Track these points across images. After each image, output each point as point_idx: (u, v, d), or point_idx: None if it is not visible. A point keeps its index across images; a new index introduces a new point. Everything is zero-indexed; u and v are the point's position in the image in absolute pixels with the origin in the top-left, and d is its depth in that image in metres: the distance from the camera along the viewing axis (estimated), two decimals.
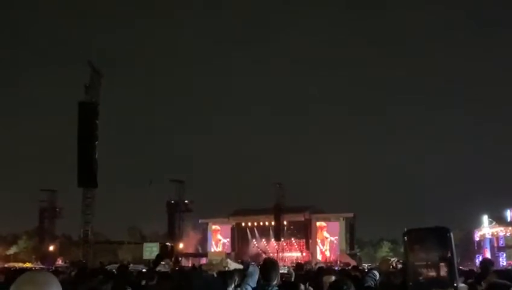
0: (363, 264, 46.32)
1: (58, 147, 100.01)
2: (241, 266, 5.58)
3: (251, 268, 5.34)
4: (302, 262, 48.95)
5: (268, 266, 5.29)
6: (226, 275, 5.46)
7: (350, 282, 4.62)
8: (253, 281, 5.21)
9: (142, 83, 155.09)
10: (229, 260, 5.27)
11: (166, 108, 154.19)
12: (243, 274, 5.43)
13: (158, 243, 56.98)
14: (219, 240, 71.21)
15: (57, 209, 62.77)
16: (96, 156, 40.45)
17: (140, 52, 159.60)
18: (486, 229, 54.79)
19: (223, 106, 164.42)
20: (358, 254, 70.34)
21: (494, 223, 54.07)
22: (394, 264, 6.17)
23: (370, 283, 5.83)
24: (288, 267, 19.89)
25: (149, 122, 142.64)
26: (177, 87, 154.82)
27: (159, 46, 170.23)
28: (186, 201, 62.34)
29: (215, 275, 5.56)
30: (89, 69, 42.98)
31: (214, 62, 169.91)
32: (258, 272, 5.29)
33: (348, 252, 63.19)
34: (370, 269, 6.90)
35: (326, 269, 8.15)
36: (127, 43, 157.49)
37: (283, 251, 64.51)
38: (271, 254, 63.90)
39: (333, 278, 6.11)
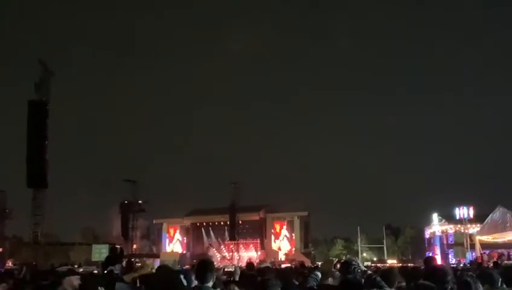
0: (317, 262, 46.84)
1: (7, 146, 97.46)
2: None
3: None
4: (258, 261, 49.34)
5: (202, 267, 5.16)
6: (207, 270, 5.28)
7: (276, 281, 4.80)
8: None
9: (95, 82, 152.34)
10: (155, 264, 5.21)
11: (120, 106, 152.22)
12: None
13: (108, 245, 56.05)
14: (174, 241, 70.77)
15: (7, 210, 61.15)
16: (47, 156, 39.62)
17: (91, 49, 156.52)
18: (436, 226, 56.13)
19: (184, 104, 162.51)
20: (312, 252, 71.06)
21: (443, 220, 55.43)
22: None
23: (312, 283, 5.88)
24: (234, 265, 19.85)
25: (102, 121, 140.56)
26: (136, 85, 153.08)
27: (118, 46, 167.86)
28: (140, 201, 61.57)
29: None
30: (40, 67, 42.19)
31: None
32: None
33: (303, 250, 63.70)
34: (312, 269, 6.97)
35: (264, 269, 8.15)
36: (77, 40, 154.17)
37: (238, 250, 64.48)
38: (225, 254, 63.91)
39: None
